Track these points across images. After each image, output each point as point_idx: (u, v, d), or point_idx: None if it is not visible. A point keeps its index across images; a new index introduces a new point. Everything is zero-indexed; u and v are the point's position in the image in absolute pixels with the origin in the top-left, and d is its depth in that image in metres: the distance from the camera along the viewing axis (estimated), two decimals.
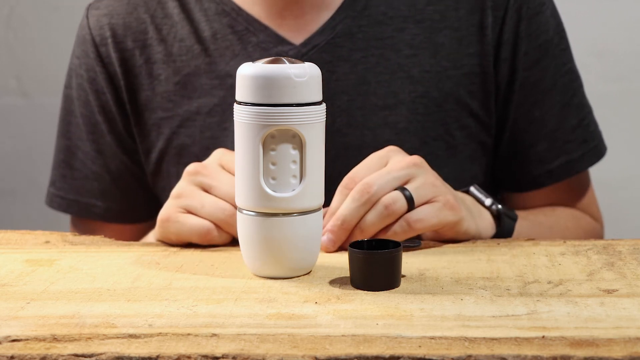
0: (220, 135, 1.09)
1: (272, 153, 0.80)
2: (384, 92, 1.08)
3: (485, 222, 0.99)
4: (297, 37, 1.09)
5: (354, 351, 0.65)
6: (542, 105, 1.12)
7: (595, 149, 1.15)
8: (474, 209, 0.98)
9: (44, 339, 0.68)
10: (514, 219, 1.01)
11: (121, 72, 1.12)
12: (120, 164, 1.16)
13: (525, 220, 1.07)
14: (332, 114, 1.07)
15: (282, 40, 1.09)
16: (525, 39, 1.10)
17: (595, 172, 1.22)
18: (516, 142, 1.13)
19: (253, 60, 0.82)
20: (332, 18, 1.09)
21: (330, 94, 1.06)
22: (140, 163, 1.16)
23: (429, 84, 1.09)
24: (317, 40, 1.08)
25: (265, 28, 1.09)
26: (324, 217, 0.88)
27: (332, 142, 1.06)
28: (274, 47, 1.08)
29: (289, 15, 1.09)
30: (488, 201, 1.01)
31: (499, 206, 1.00)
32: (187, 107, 1.11)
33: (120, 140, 1.15)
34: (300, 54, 1.08)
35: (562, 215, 1.15)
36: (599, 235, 1.20)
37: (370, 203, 0.89)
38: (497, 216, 1.00)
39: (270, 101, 0.79)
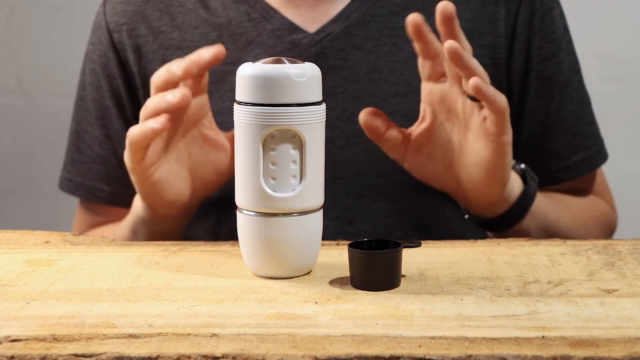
0: (231, 120, 1.09)
1: (272, 153, 0.80)
2: (396, 80, 1.09)
3: (515, 178, 1.01)
4: (311, 26, 1.11)
5: (354, 351, 0.65)
6: (559, 100, 1.14)
7: (603, 146, 1.18)
8: None
9: (44, 339, 0.68)
10: (536, 181, 1.04)
11: (133, 58, 1.14)
12: None
13: (545, 196, 1.09)
14: (344, 102, 1.09)
15: (296, 28, 1.11)
16: (538, 32, 1.12)
17: None
18: (533, 137, 1.14)
19: (266, 46, 0.82)
20: (347, 7, 1.11)
21: (342, 82, 1.09)
22: None
23: None
24: (331, 29, 1.10)
25: (280, 16, 1.11)
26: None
27: (342, 130, 1.09)
28: (288, 34, 1.10)
29: (304, 5, 1.12)
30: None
31: (522, 165, 1.03)
32: None
33: (128, 126, 1.15)
34: (314, 42, 1.10)
35: (578, 198, 1.17)
36: (613, 222, 1.21)
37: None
38: (522, 175, 1.03)
39: (270, 101, 0.79)
